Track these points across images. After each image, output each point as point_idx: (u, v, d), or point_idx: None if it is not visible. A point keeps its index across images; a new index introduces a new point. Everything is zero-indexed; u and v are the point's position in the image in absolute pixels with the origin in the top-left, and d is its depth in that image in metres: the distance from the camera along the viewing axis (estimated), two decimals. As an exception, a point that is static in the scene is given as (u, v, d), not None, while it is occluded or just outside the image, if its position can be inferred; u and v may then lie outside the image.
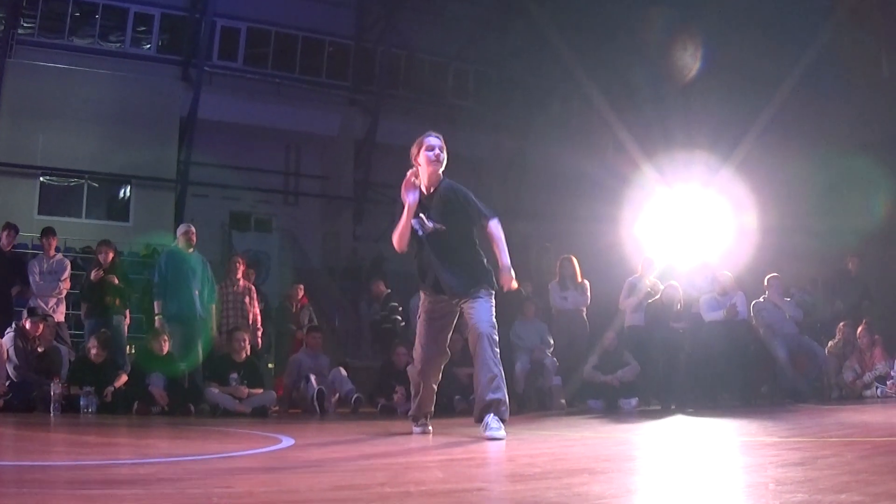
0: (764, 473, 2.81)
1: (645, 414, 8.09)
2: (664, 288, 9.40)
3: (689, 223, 11.89)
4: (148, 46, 17.25)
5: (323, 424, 7.27)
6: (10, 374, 7.81)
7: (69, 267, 9.51)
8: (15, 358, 7.87)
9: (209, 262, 9.29)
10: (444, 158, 4.98)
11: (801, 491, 2.35)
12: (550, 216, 16.31)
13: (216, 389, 8.01)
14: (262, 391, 8.27)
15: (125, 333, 9.14)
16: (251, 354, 8.64)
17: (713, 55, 15.04)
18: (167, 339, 8.28)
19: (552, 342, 9.59)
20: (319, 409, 8.48)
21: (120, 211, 17.34)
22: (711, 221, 11.79)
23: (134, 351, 9.16)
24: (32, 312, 8.49)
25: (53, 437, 5.42)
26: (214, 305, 8.95)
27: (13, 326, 8.19)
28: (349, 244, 18.59)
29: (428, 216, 4.97)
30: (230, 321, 9.08)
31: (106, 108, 16.05)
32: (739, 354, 9.22)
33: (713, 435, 5.22)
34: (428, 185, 5.03)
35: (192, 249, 8.92)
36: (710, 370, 9.03)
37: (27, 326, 8.12)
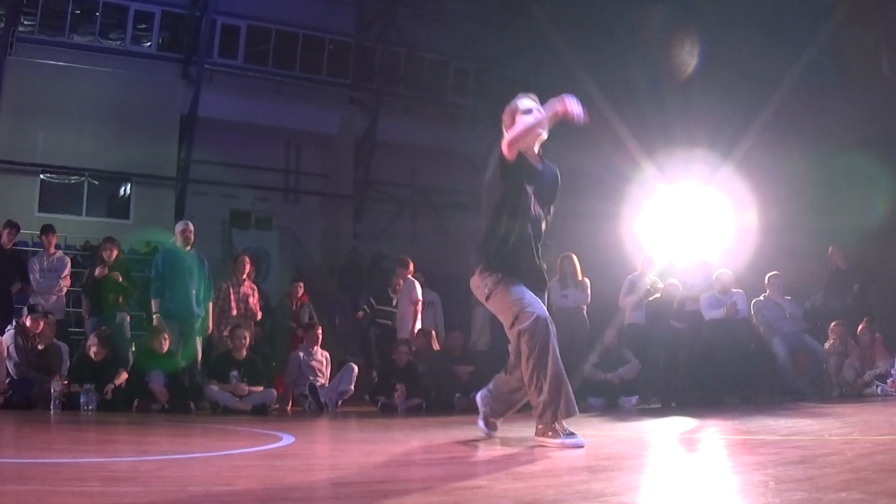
0: (764, 471, 2.81)
1: (645, 412, 8.10)
2: (664, 286, 9.40)
3: (689, 221, 11.89)
4: (148, 44, 17.26)
5: (323, 422, 7.27)
6: (10, 371, 7.81)
7: (69, 264, 9.52)
8: (15, 355, 7.87)
9: (208, 259, 9.31)
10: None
11: (801, 489, 2.35)
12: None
13: (216, 387, 8.02)
14: (262, 389, 8.27)
15: (128, 331, 9.15)
16: (254, 352, 8.64)
17: (713, 53, 15.04)
18: (167, 337, 8.29)
19: (552, 341, 9.55)
20: (316, 403, 8.45)
21: (120, 208, 17.36)
22: (711, 219, 11.80)
23: (134, 348, 9.15)
24: (33, 310, 8.49)
25: (53, 434, 5.41)
26: (212, 303, 8.96)
27: (13, 324, 8.19)
28: (349, 242, 18.61)
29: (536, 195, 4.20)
30: (230, 319, 9.06)
31: (106, 105, 16.07)
32: (740, 353, 9.22)
33: (713, 433, 5.22)
34: (534, 159, 4.22)
35: (189, 247, 8.93)
36: (710, 368, 9.03)
37: (27, 324, 8.12)
